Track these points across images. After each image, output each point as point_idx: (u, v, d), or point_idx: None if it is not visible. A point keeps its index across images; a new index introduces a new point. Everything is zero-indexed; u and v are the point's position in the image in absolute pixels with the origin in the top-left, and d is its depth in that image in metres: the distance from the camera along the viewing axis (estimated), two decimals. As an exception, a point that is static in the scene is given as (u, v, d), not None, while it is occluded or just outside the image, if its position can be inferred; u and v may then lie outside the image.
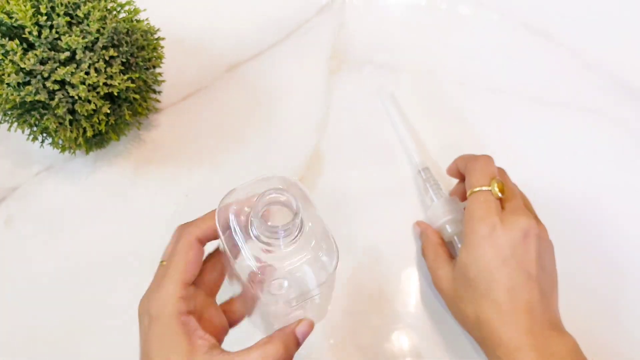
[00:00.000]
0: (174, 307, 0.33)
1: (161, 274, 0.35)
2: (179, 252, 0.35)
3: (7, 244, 0.49)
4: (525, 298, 0.36)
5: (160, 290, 0.34)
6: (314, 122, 0.54)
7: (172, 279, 0.34)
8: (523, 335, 0.35)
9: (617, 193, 0.51)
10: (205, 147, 0.53)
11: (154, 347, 0.33)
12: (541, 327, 0.36)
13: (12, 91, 0.42)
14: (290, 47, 0.58)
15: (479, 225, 0.38)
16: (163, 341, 0.33)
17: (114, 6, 0.46)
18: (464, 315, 0.39)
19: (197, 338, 0.33)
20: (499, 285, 0.37)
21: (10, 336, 0.46)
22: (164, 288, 0.34)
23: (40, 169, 0.52)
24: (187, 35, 0.58)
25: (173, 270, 0.34)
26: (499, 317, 0.36)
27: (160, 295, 0.34)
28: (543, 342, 0.35)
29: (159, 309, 0.33)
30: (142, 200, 0.51)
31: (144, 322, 0.34)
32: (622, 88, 0.56)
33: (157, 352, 0.33)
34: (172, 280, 0.34)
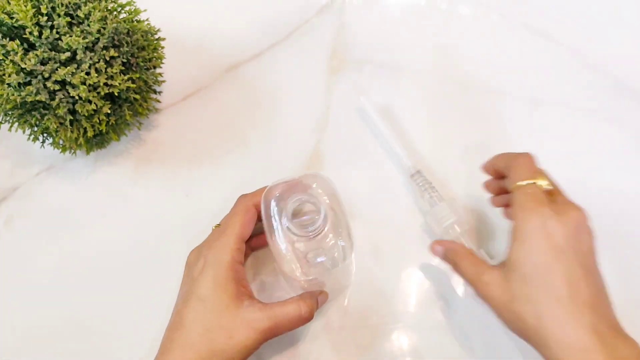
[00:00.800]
0: (230, 256, 0.39)
1: (219, 231, 0.41)
2: (238, 213, 0.41)
3: (7, 244, 0.49)
4: (586, 292, 0.34)
5: (219, 240, 0.40)
6: (314, 122, 0.54)
7: (231, 232, 0.40)
8: (589, 335, 0.33)
9: (617, 193, 0.51)
10: (205, 147, 0.53)
11: (205, 286, 0.38)
12: (606, 327, 0.33)
13: (13, 91, 0.42)
14: (290, 47, 0.58)
15: (531, 217, 0.36)
16: (216, 283, 0.38)
17: (115, 6, 0.46)
18: (521, 319, 0.35)
19: (242, 286, 0.39)
20: (559, 277, 0.34)
21: (10, 336, 0.46)
22: (224, 239, 0.40)
23: (40, 169, 0.52)
24: (187, 35, 0.58)
25: (232, 227, 0.40)
26: (561, 313, 0.34)
27: (220, 244, 0.40)
28: (611, 345, 0.33)
29: (217, 256, 0.39)
30: (142, 200, 0.51)
31: (198, 265, 0.39)
32: (622, 88, 0.56)
33: (206, 292, 0.38)
34: (231, 234, 0.40)
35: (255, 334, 0.37)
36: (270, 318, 0.38)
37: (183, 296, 0.39)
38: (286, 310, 0.39)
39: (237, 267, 0.39)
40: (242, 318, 0.37)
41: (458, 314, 0.46)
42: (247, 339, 0.37)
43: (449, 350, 0.45)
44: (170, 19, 0.54)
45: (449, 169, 0.51)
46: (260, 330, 0.37)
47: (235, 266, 0.39)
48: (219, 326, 0.37)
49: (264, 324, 0.38)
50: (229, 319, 0.37)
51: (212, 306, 0.37)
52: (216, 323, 0.37)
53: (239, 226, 0.40)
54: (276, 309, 0.38)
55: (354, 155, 0.53)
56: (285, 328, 0.39)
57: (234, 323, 0.37)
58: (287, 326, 0.39)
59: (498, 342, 0.45)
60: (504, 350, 0.45)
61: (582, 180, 0.52)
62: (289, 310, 0.39)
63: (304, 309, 0.39)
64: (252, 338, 0.37)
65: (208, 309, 0.37)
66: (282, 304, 0.39)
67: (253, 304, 0.38)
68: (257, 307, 0.38)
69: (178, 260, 0.43)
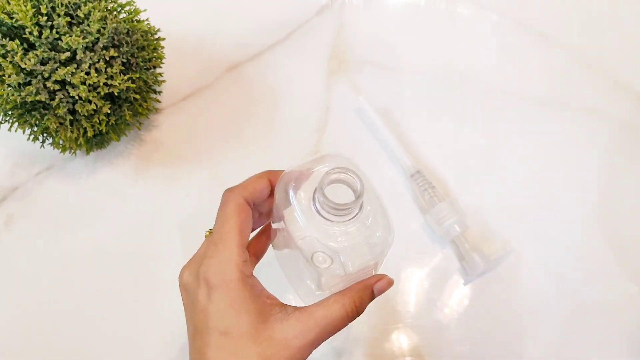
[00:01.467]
0: (238, 272, 0.31)
1: (213, 242, 0.33)
2: (231, 216, 0.33)
3: (8, 243, 0.49)
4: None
5: (218, 257, 0.32)
6: (314, 122, 0.54)
7: (230, 243, 0.32)
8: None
9: (617, 193, 0.51)
10: (205, 147, 0.53)
11: (221, 316, 0.31)
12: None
13: (13, 91, 0.42)
14: (290, 47, 0.58)
15: None
16: (234, 308, 0.31)
17: (115, 6, 0.46)
18: None
19: (265, 299, 0.32)
20: None
21: (10, 336, 0.46)
22: (223, 254, 0.32)
23: (40, 169, 0.52)
24: (187, 35, 0.58)
25: (229, 235, 0.33)
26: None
27: (220, 262, 0.32)
28: None
29: (222, 276, 0.31)
30: (142, 200, 0.51)
31: (200, 291, 0.32)
32: (622, 88, 0.56)
33: (226, 322, 0.31)
34: (231, 245, 0.32)
35: (298, 352, 0.31)
36: (311, 329, 0.31)
37: (198, 330, 0.32)
38: (330, 313, 0.32)
39: (250, 281, 0.32)
40: (279, 339, 0.31)
41: (458, 314, 0.46)
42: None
43: (449, 350, 0.45)
44: (170, 19, 0.54)
45: (449, 169, 0.51)
46: (304, 345, 0.31)
47: (248, 281, 0.32)
48: (256, 357, 0.30)
49: (307, 337, 0.31)
50: (265, 346, 0.30)
51: (241, 335, 0.30)
52: (251, 354, 0.30)
53: (236, 232, 0.33)
54: (317, 314, 0.31)
55: (354, 155, 0.53)
56: (331, 334, 0.32)
57: (272, 348, 0.30)
58: (333, 331, 0.32)
59: (498, 342, 0.45)
60: (504, 350, 0.45)
61: (582, 180, 0.52)
62: (333, 313, 0.32)
63: (350, 308, 0.32)
64: (297, 357, 0.31)
65: (236, 340, 0.30)
66: (322, 305, 0.32)
67: (287, 316, 0.31)
68: (294, 320, 0.31)
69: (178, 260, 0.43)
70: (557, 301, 0.47)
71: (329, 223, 0.31)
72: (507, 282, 0.48)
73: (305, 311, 0.32)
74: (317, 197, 0.31)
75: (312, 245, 0.31)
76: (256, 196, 0.35)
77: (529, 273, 0.48)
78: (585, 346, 0.46)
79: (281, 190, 0.33)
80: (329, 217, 0.31)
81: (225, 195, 0.34)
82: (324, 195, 0.30)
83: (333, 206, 0.30)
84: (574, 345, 0.46)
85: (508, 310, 0.47)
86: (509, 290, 0.47)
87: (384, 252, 0.32)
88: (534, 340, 0.46)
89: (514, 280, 0.48)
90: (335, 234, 0.31)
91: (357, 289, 0.33)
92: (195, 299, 0.32)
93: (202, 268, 0.32)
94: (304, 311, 0.32)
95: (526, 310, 0.47)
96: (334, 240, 0.31)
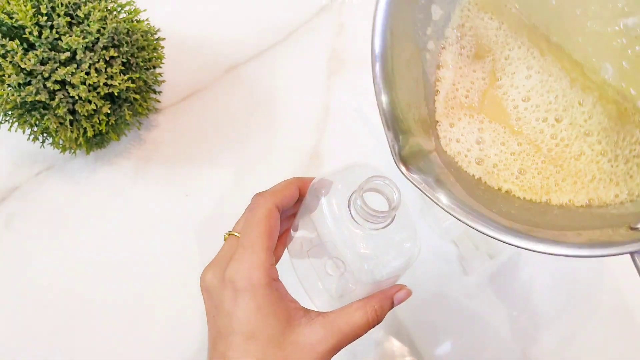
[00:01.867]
0: (267, 276, 0.31)
1: (241, 245, 0.33)
2: (261, 220, 0.33)
3: (7, 243, 0.49)
4: None
5: (247, 261, 0.32)
6: (314, 122, 0.54)
7: (259, 247, 0.32)
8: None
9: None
10: (205, 147, 0.53)
11: (246, 319, 0.31)
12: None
13: (13, 91, 0.42)
14: (290, 47, 0.58)
15: None
16: (261, 312, 0.31)
17: (115, 6, 0.46)
18: None
19: (289, 303, 0.32)
20: None
21: (10, 336, 0.46)
22: (252, 258, 0.32)
23: (40, 169, 0.52)
24: (187, 35, 0.58)
25: (258, 239, 0.32)
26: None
27: (249, 266, 0.32)
28: None
29: (250, 280, 0.31)
30: (142, 200, 0.51)
31: (226, 294, 0.32)
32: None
33: (253, 326, 0.31)
34: (259, 249, 0.32)
35: (322, 357, 0.31)
36: (334, 335, 0.32)
37: (222, 334, 0.31)
38: (352, 319, 0.32)
39: (276, 285, 0.32)
40: (304, 344, 0.31)
41: (458, 314, 0.46)
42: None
43: (449, 350, 0.45)
44: (170, 19, 0.54)
45: (449, 169, 0.51)
46: (326, 351, 0.31)
47: (275, 285, 0.32)
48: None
49: (329, 343, 0.31)
50: (291, 350, 0.31)
51: (266, 339, 0.31)
52: (275, 358, 0.30)
53: (266, 237, 0.33)
54: (339, 320, 0.32)
55: (354, 155, 0.53)
56: (351, 340, 0.33)
57: (295, 352, 0.31)
58: (353, 338, 0.33)
59: (498, 342, 0.45)
60: (504, 350, 0.45)
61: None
62: (355, 320, 0.32)
63: (371, 316, 0.33)
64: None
65: (261, 344, 0.31)
66: (344, 312, 0.32)
67: (311, 321, 0.32)
68: (317, 325, 0.32)
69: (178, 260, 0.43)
70: (558, 301, 0.47)
71: (359, 230, 0.32)
72: (506, 283, 0.48)
73: (328, 317, 0.32)
74: (355, 201, 0.31)
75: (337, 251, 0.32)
76: (285, 202, 0.35)
77: (529, 273, 0.48)
78: (586, 346, 0.46)
79: (312, 196, 0.34)
80: (362, 223, 0.31)
81: (255, 200, 0.34)
82: (362, 200, 0.30)
83: (370, 212, 0.30)
84: (575, 345, 0.46)
85: (508, 310, 0.47)
86: (509, 290, 0.47)
87: (409, 264, 0.33)
88: (535, 340, 0.46)
89: (514, 280, 0.48)
90: (365, 242, 0.32)
91: (378, 297, 0.33)
92: (220, 302, 0.32)
93: (228, 271, 0.32)
94: (327, 317, 0.32)
95: (526, 310, 0.47)
96: (362, 247, 0.32)
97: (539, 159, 0.35)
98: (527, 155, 0.35)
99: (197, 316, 0.46)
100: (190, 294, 0.47)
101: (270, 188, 0.35)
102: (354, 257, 0.32)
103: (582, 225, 0.32)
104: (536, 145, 0.35)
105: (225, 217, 0.50)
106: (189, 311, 0.46)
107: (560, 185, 0.34)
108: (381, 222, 0.31)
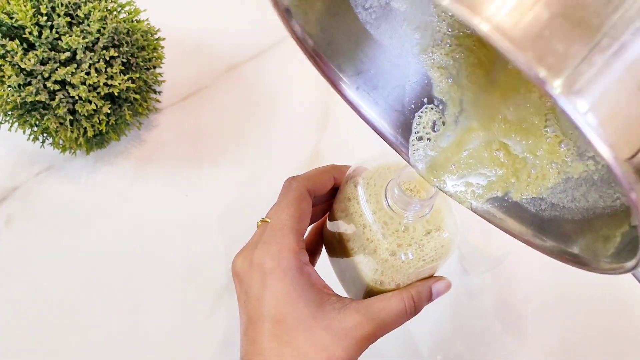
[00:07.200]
0: (296, 259, 0.30)
1: (270, 228, 0.32)
2: (292, 204, 0.32)
3: (8, 243, 0.49)
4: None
5: (276, 243, 0.31)
6: (314, 122, 0.54)
7: (289, 230, 0.31)
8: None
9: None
10: (205, 147, 0.53)
11: (277, 303, 0.29)
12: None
13: (13, 92, 0.42)
14: (290, 47, 0.58)
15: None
16: (290, 296, 0.29)
17: (115, 6, 0.46)
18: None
19: (322, 287, 0.31)
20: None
21: (10, 336, 0.46)
22: (281, 240, 0.31)
23: (40, 169, 0.52)
24: (187, 35, 0.58)
25: (288, 222, 0.31)
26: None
27: (279, 249, 0.31)
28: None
29: (279, 263, 0.30)
30: (142, 200, 0.51)
31: (254, 278, 0.30)
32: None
33: (282, 309, 0.29)
34: (289, 232, 0.31)
35: (357, 343, 0.29)
36: (371, 320, 0.30)
37: (252, 319, 0.30)
38: (388, 305, 0.31)
39: (307, 269, 0.31)
40: (337, 329, 0.29)
41: (458, 313, 0.46)
42: (348, 352, 0.29)
43: (448, 350, 0.45)
44: (170, 19, 0.54)
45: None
46: (362, 337, 0.30)
47: (306, 269, 0.31)
48: (313, 347, 0.29)
49: (365, 328, 0.30)
50: (322, 335, 0.29)
51: (297, 324, 0.29)
52: (308, 344, 0.29)
53: (296, 220, 0.32)
54: (376, 306, 0.31)
55: (354, 155, 0.53)
56: (389, 329, 0.31)
57: (329, 338, 0.29)
58: (391, 327, 0.31)
59: (498, 342, 0.45)
60: (504, 350, 0.45)
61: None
62: (391, 306, 0.31)
63: (408, 303, 0.31)
64: (354, 349, 0.29)
65: (292, 329, 0.29)
66: (380, 298, 0.31)
67: (345, 306, 0.30)
68: (352, 309, 0.30)
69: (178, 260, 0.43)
70: (558, 301, 0.47)
71: (396, 218, 0.31)
72: (507, 282, 0.48)
73: (362, 303, 0.31)
74: (392, 189, 0.30)
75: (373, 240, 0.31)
76: (318, 188, 0.34)
77: (529, 273, 0.48)
78: (587, 346, 0.46)
79: (349, 184, 0.33)
80: (398, 212, 0.31)
81: (288, 183, 0.33)
82: (399, 188, 0.30)
83: (407, 200, 0.30)
84: (575, 345, 0.46)
85: (508, 310, 0.47)
86: (509, 290, 0.47)
87: (448, 254, 0.32)
88: (535, 340, 0.46)
89: (514, 280, 0.48)
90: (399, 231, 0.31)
91: (415, 285, 0.32)
92: (249, 286, 0.31)
93: (256, 254, 0.31)
94: (362, 303, 0.31)
95: (526, 310, 0.47)
96: (397, 236, 0.31)
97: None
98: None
99: (198, 316, 0.46)
100: (190, 294, 0.47)
101: (305, 173, 0.34)
102: (390, 246, 0.31)
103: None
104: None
105: (226, 217, 0.50)
106: (189, 311, 0.46)
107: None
108: (419, 210, 0.31)
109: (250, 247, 0.32)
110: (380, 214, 0.31)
